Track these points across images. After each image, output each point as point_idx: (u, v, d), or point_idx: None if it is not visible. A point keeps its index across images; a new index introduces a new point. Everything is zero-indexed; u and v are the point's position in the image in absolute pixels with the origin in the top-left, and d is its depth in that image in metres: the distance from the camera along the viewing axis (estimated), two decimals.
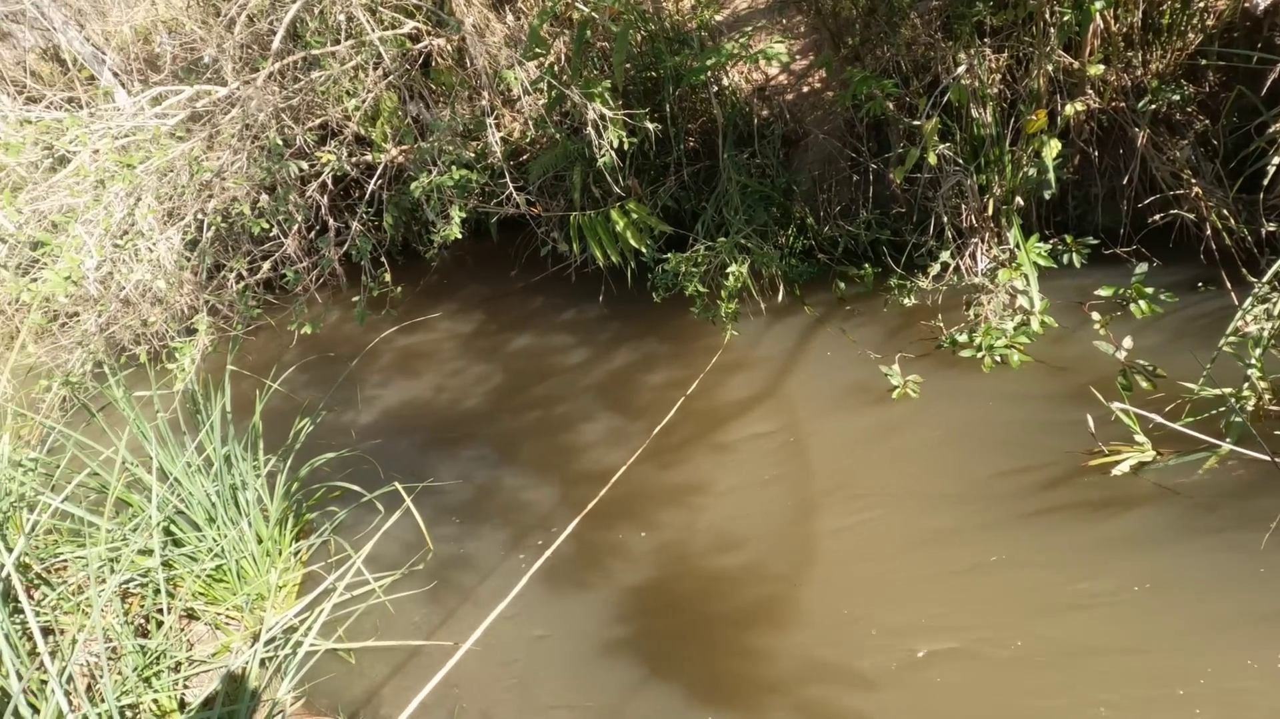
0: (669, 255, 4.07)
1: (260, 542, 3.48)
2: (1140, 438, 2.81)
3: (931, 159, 3.53)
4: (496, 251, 5.61)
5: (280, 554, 3.58)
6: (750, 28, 4.52)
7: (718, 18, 4.53)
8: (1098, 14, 3.20)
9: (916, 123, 3.57)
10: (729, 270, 3.92)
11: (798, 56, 4.62)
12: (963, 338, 3.50)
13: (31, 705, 2.13)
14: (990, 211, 3.74)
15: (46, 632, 2.90)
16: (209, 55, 4.75)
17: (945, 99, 3.51)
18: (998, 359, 3.36)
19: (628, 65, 4.26)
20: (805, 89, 4.53)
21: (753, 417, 3.71)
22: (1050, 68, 3.41)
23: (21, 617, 2.67)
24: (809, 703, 2.55)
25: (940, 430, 3.28)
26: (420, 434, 4.44)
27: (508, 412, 4.40)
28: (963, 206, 3.79)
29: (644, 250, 4.34)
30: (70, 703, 2.18)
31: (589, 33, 4.13)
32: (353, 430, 4.56)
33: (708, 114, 4.45)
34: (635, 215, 4.30)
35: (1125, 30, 3.43)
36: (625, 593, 3.14)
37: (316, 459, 3.91)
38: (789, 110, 4.47)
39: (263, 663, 2.88)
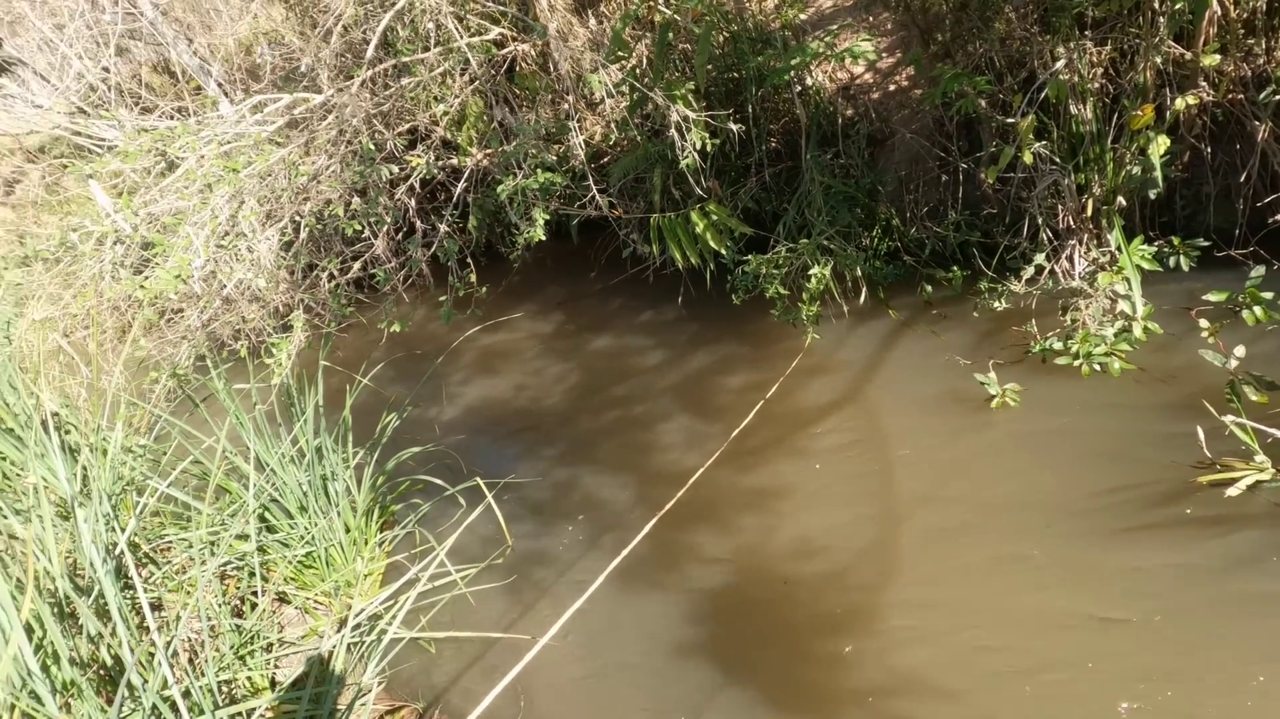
0: (749, 257, 4.03)
1: (348, 531, 3.60)
2: (1260, 456, 2.62)
3: (1026, 158, 3.38)
4: (576, 253, 5.67)
5: (366, 544, 3.69)
6: (835, 26, 4.44)
7: (802, 16, 4.47)
8: (1214, 1, 3.01)
9: (1010, 120, 3.43)
10: (811, 272, 3.85)
11: (884, 54, 4.51)
12: (1058, 344, 3.34)
13: (143, 677, 2.25)
14: (1089, 212, 3.56)
15: (153, 607, 3.07)
16: (305, 64, 4.97)
17: (1042, 95, 3.36)
18: (1097, 367, 3.19)
19: (709, 67, 4.25)
20: (892, 87, 4.42)
21: (835, 422, 3.63)
22: (1158, 59, 3.22)
23: (132, 592, 2.83)
24: (889, 713, 2.48)
25: (1036, 440, 3.14)
26: (501, 431, 4.52)
27: (586, 411, 4.43)
28: (1059, 207, 3.62)
29: (724, 252, 4.30)
30: (174, 675, 2.29)
31: (671, 35, 4.13)
32: (436, 426, 4.67)
33: (790, 114, 4.39)
34: (715, 217, 4.28)
35: (1246, 16, 3.22)
36: (702, 595, 3.12)
37: (403, 453, 4.02)
38: (874, 109, 4.37)
39: (349, 648, 2.97)
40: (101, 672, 2.40)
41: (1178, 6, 3.03)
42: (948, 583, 2.78)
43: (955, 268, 3.94)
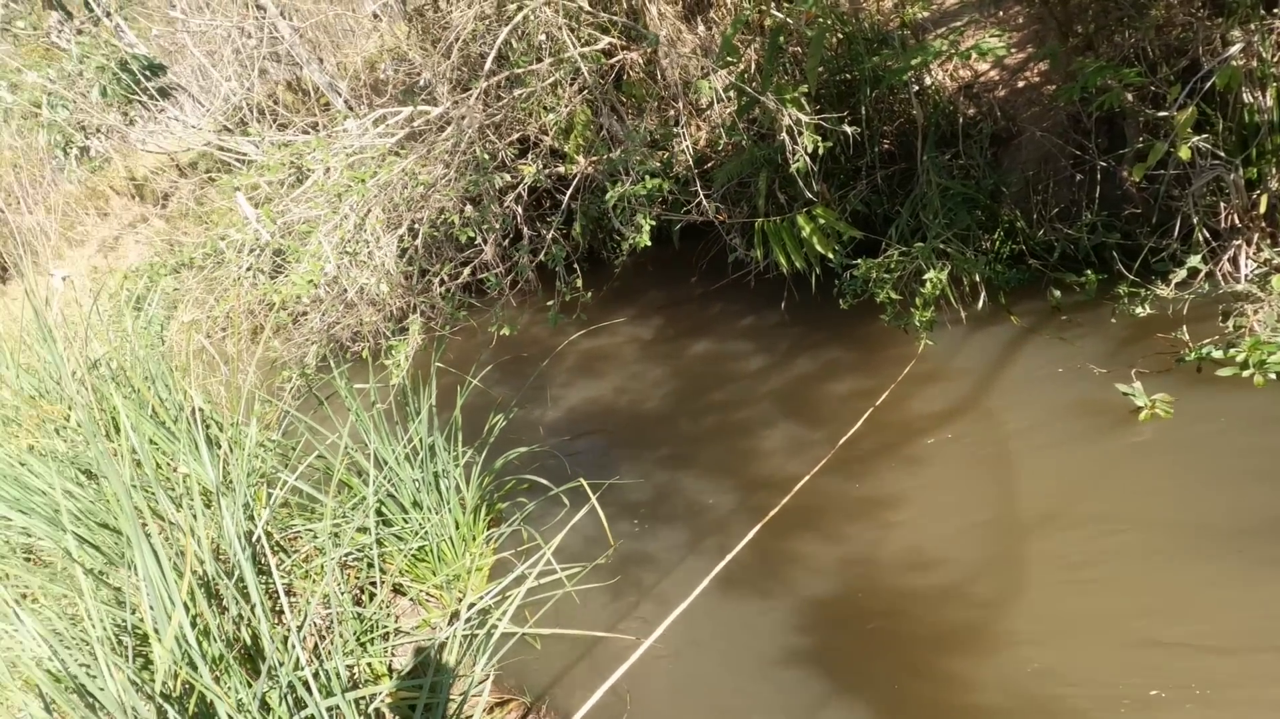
0: (858, 261, 3.93)
1: (457, 527, 3.72)
2: None
3: (1183, 153, 3.13)
4: (677, 258, 5.68)
5: (474, 540, 3.81)
6: (960, 23, 4.28)
7: (923, 14, 4.33)
8: None
9: (1163, 114, 3.20)
10: (926, 277, 3.72)
11: (1014, 50, 4.31)
12: (1217, 353, 3.08)
13: (280, 658, 2.40)
14: (1262, 209, 3.28)
15: (284, 593, 3.26)
16: (425, 78, 5.20)
17: (1207, 85, 3.12)
18: (1272, 376, 2.91)
19: (821, 69, 4.18)
20: (1020, 84, 4.23)
21: (951, 431, 3.48)
22: None
23: (266, 578, 3.02)
24: None
25: (1189, 456, 2.91)
26: (602, 434, 4.58)
27: (686, 415, 4.43)
28: (1221, 205, 3.36)
29: (831, 256, 4.22)
30: (305, 657, 2.43)
31: (782, 39, 4.09)
32: (540, 427, 4.77)
33: (906, 115, 4.27)
34: (823, 220, 4.20)
35: None
36: (807, 604, 3.06)
37: (509, 453, 4.13)
38: (1000, 107, 4.18)
39: (460, 640, 3.07)
40: (242, 650, 2.56)
41: None
42: (1078, 606, 2.62)
43: (1089, 272, 3.70)
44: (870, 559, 3.09)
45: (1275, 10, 3.11)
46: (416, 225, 4.99)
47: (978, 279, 3.88)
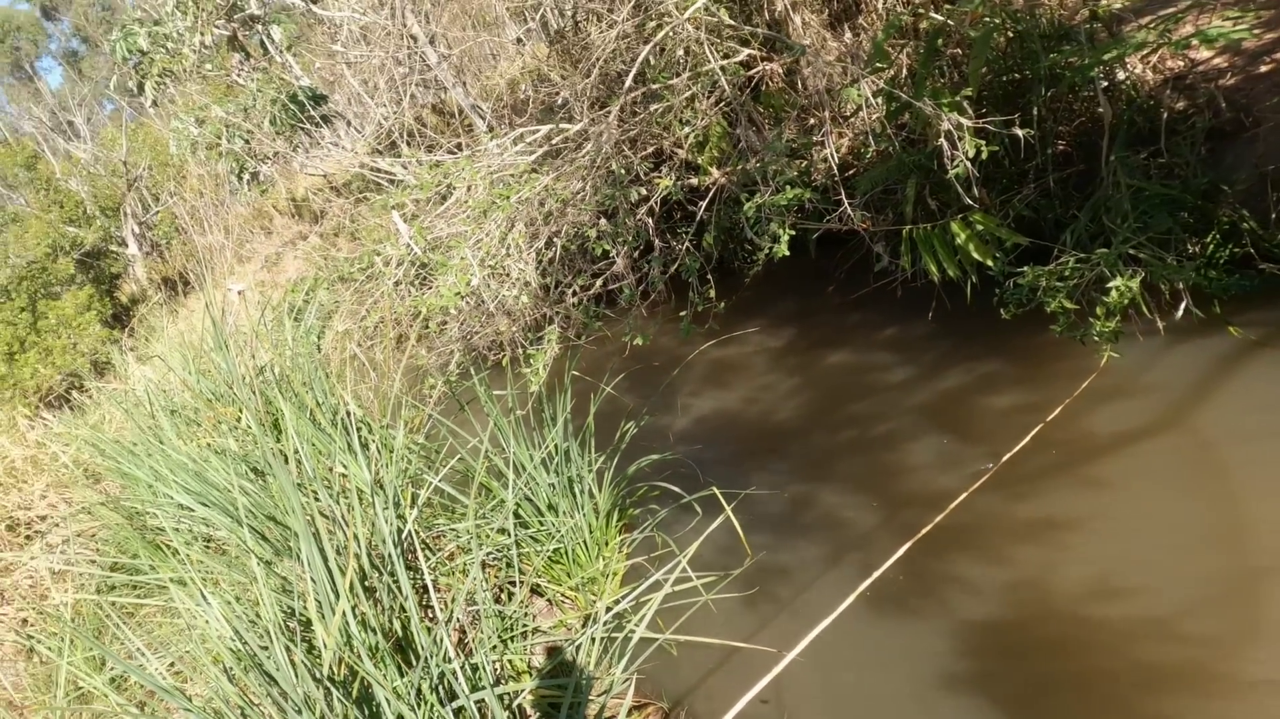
0: (1024, 269, 3.66)
1: (591, 531, 3.71)
2: None
3: None
4: (812, 268, 5.53)
5: (607, 545, 3.79)
6: (1176, 7, 3.90)
7: (1120, 4, 4.00)
8: None
9: None
10: (1111, 285, 3.40)
11: (1258, 32, 3.89)
12: None
13: (430, 651, 2.45)
14: None
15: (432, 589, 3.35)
16: (563, 97, 5.35)
17: None
18: None
19: (985, 70, 3.96)
20: (1262, 68, 3.79)
21: (1144, 451, 3.13)
22: None
23: (415, 573, 3.11)
24: None
25: None
26: (733, 443, 4.48)
27: (821, 428, 4.26)
28: None
29: (991, 263, 3.96)
30: (453, 651, 2.46)
31: (940, 41, 3.92)
32: (670, 435, 4.72)
33: (1089, 114, 3.96)
34: (981, 226, 3.96)
35: None
36: (970, 628, 2.83)
37: (641, 460, 4.10)
38: (1226, 98, 3.78)
39: (597, 643, 3.04)
40: (394, 642, 2.63)
41: None
42: None
43: None
44: (1042, 584, 2.83)
45: None
46: (554, 239, 5.11)
47: (1180, 287, 3.50)
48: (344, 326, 5.53)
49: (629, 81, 4.53)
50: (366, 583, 2.69)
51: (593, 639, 2.97)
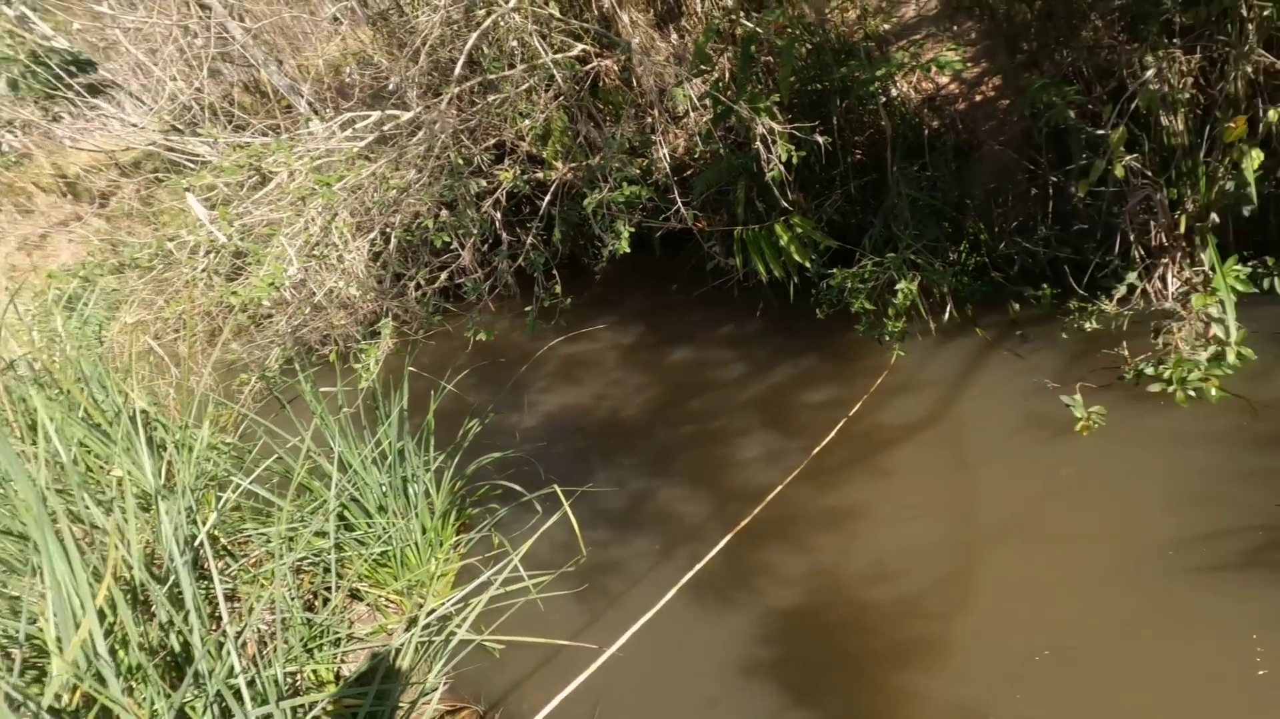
0: (834, 270, 3.90)
1: (424, 532, 3.64)
2: None
3: (1118, 172, 3.17)
4: (658, 266, 5.65)
5: (441, 545, 3.72)
6: (919, 35, 4.29)
7: (885, 27, 4.34)
8: None
9: (1101, 132, 3.22)
10: (897, 287, 3.69)
11: (970, 64, 4.33)
12: (1150, 369, 3.09)
13: (210, 665, 2.30)
14: (1182, 229, 3.31)
15: (227, 598, 3.16)
16: (394, 83, 5.15)
17: (1133, 106, 3.15)
18: (1191, 394, 2.92)
19: (793, 79, 4.17)
20: (978, 98, 4.24)
21: (918, 443, 3.46)
22: (1249, 69, 2.98)
23: (207, 583, 2.92)
24: None
25: (1123, 472, 2.94)
26: (579, 440, 4.51)
27: (664, 423, 4.37)
28: (1151, 224, 3.38)
29: (808, 265, 4.19)
30: (241, 664, 2.33)
31: (753, 48, 4.08)
32: (516, 433, 4.70)
33: (875, 126, 4.27)
34: (800, 229, 4.17)
35: None
36: (773, 615, 3.00)
37: (483, 458, 4.06)
38: (961, 120, 4.19)
39: (416, 647, 2.98)
40: (169, 658, 2.46)
41: (1266, 13, 2.79)
42: (1024, 619, 2.61)
43: (1045, 286, 3.72)
44: (836, 570, 3.05)
45: (1175, 40, 3.15)
46: (389, 229, 4.93)
47: (945, 291, 3.86)
48: (136, 318, 5.06)
49: (458, 70, 4.42)
50: (139, 596, 2.50)
51: (413, 643, 2.92)
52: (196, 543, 2.77)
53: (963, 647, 2.60)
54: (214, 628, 2.62)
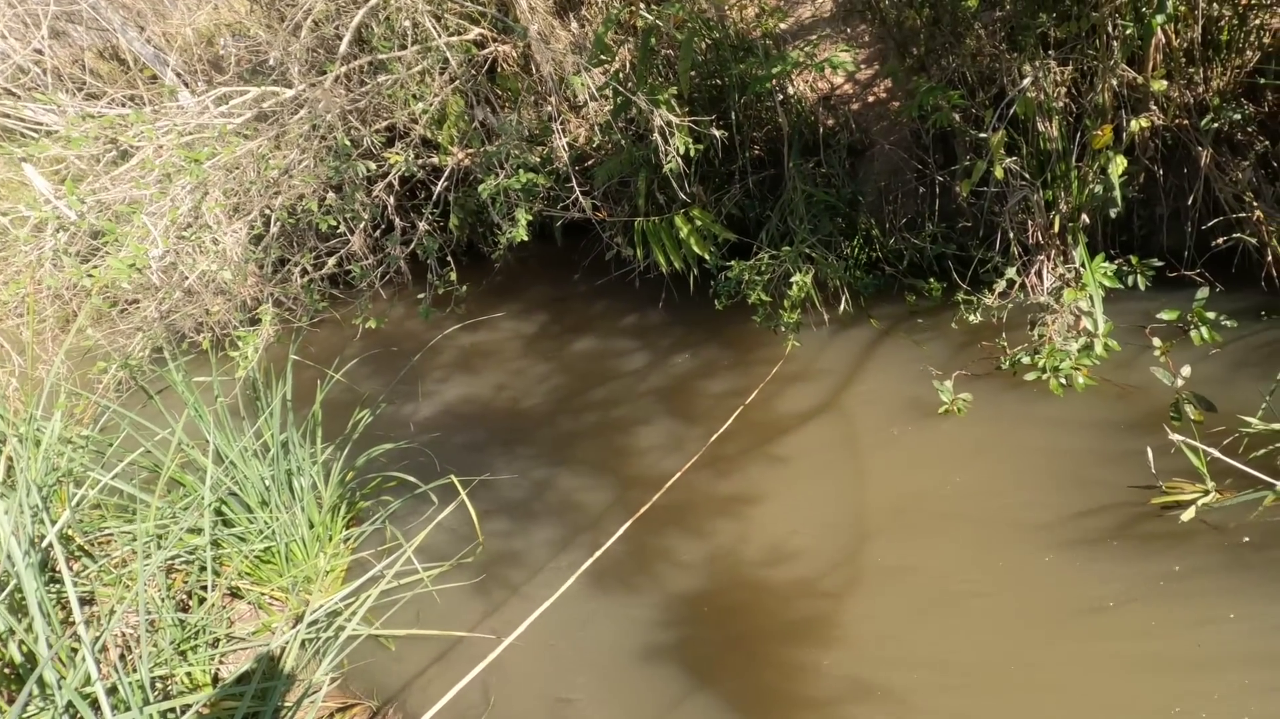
0: (732, 263, 3.98)
1: (311, 526, 3.46)
2: (1209, 482, 2.61)
3: (998, 173, 3.40)
4: (560, 255, 5.60)
5: (330, 540, 3.55)
6: (815, 36, 4.45)
7: (782, 26, 4.47)
8: (1159, 28, 3.04)
9: (983, 135, 3.44)
10: (793, 280, 3.80)
11: (863, 66, 4.53)
12: (1025, 358, 3.33)
13: (59, 673, 2.09)
14: (1056, 229, 3.59)
15: (84, 602, 2.89)
16: (274, 58, 4.85)
17: (1011, 112, 3.39)
18: (1062, 381, 3.17)
19: (693, 73, 4.22)
20: (871, 99, 4.43)
21: (811, 429, 3.58)
22: (1115, 82, 3.27)
23: (59, 586, 2.66)
24: None
25: (997, 454, 3.15)
26: (478, 431, 4.41)
27: (566, 413, 4.34)
28: (1029, 222, 3.64)
29: (707, 257, 4.25)
30: (100, 670, 2.13)
31: (653, 40, 4.11)
32: (411, 424, 4.55)
33: (773, 122, 4.38)
34: (699, 222, 4.23)
35: (1186, 45, 3.29)
36: (673, 599, 3.03)
37: (374, 449, 3.90)
38: (854, 120, 4.37)
39: (303, 644, 2.82)
40: (8, 669, 2.22)
41: (1128, 32, 3.07)
42: (907, 595, 2.75)
43: (933, 280, 3.94)
44: (733, 554, 3.11)
45: (1050, 52, 3.43)
46: (270, 212, 4.65)
47: (839, 284, 4.02)
48: None
49: (344, 47, 4.23)
50: None
51: (298, 641, 2.75)
52: (45, 543, 2.51)
53: (853, 623, 2.72)
54: (66, 633, 2.37)
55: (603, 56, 4.27)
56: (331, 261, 4.79)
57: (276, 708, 2.44)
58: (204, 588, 3.07)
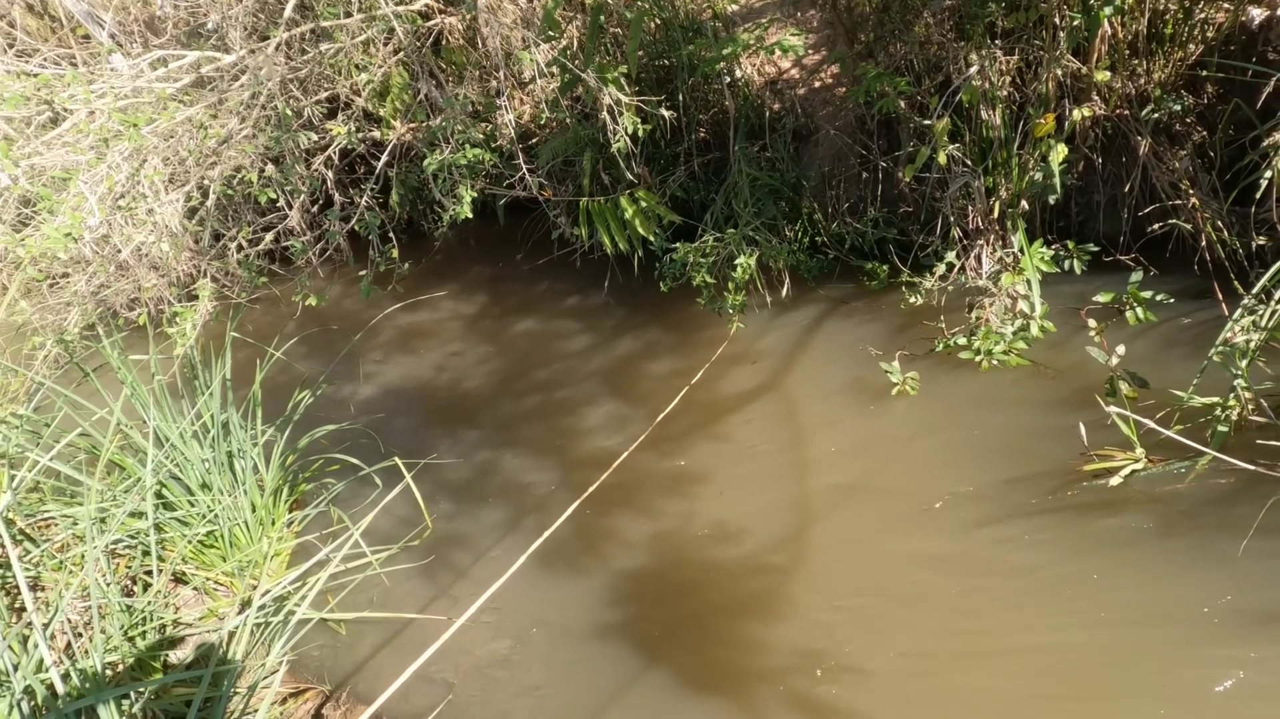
0: (677, 245, 4.05)
1: (254, 510, 3.44)
2: (1139, 449, 2.81)
3: (941, 159, 3.52)
4: (503, 234, 5.58)
5: (274, 523, 3.54)
6: (765, 19, 4.50)
7: (732, 7, 4.50)
8: (1106, 20, 3.19)
9: (927, 122, 3.56)
10: (737, 262, 3.90)
11: (811, 50, 4.60)
12: (962, 340, 3.49)
13: (11, 659, 2.08)
14: (996, 214, 3.74)
15: (30, 587, 2.85)
16: (214, 22, 4.67)
17: (956, 99, 3.51)
18: (995, 362, 3.35)
19: (641, 53, 4.23)
20: (817, 84, 4.52)
21: (755, 409, 3.69)
22: (1059, 72, 3.41)
23: (4, 571, 2.62)
24: (798, 693, 2.55)
25: (937, 431, 3.29)
26: (421, 412, 4.42)
27: (509, 394, 4.37)
28: (969, 208, 3.79)
29: (652, 239, 4.31)
30: (53, 656, 2.13)
31: (603, 18, 4.10)
32: (352, 405, 4.52)
33: (720, 105, 4.43)
34: (644, 203, 4.28)
35: (1130, 37, 3.44)
36: (621, 578, 3.13)
37: (316, 431, 3.88)
38: (800, 105, 4.45)
39: (252, 630, 2.84)
40: None
41: (1075, 23, 3.21)
42: (852, 569, 2.88)
43: (875, 263, 4.07)
44: (679, 533, 3.21)
45: (997, 42, 3.56)
46: (207, 183, 4.52)
47: (783, 266, 4.13)
48: None
49: (288, 12, 4.10)
50: None
51: (248, 626, 2.77)
52: None
53: (799, 597, 2.83)
54: (15, 620, 2.36)
55: (551, 32, 4.25)
56: (269, 237, 4.69)
57: (230, 693, 2.48)
58: (148, 573, 3.05)
